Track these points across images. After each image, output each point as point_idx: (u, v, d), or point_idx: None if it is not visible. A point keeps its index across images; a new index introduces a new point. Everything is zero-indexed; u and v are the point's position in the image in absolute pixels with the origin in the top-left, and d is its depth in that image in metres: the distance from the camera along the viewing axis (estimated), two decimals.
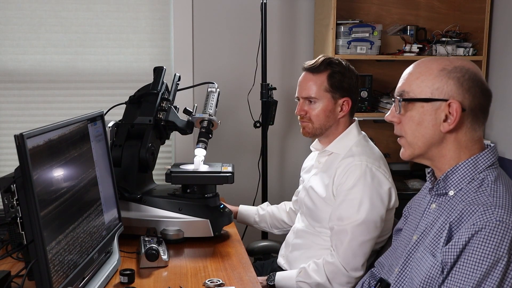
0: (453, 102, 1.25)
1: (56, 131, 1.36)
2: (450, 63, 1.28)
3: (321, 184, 1.96)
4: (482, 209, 1.18)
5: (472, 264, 1.14)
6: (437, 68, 1.28)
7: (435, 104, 1.27)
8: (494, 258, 1.12)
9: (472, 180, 1.27)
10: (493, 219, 1.14)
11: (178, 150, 3.03)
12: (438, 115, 1.27)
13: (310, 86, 1.96)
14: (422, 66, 1.32)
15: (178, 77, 2.26)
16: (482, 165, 1.28)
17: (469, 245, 1.15)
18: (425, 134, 1.30)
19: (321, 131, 1.98)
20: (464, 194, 1.26)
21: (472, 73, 1.27)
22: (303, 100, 1.99)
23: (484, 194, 1.22)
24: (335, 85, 1.95)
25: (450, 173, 1.29)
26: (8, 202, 1.23)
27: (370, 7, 3.08)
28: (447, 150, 1.30)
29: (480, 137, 1.31)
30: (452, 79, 1.26)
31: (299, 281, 1.86)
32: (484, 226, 1.14)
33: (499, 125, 2.92)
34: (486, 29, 2.90)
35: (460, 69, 1.26)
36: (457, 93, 1.25)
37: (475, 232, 1.15)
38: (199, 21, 3.00)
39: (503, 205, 1.17)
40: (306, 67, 1.99)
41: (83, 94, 2.96)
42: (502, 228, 1.13)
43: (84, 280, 1.45)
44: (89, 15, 2.92)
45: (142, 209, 1.97)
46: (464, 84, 1.25)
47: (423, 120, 1.29)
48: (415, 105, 1.29)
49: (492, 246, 1.12)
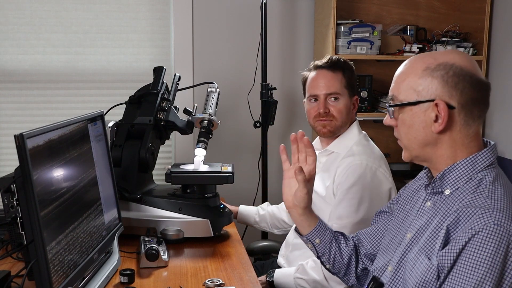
0: (439, 102, 1.22)
1: (56, 131, 1.36)
2: (434, 61, 1.25)
3: (321, 184, 1.96)
4: (480, 212, 1.15)
5: (469, 268, 1.12)
6: (421, 67, 1.25)
7: (423, 106, 1.25)
8: (490, 262, 1.10)
9: (470, 179, 1.24)
10: (491, 222, 1.12)
11: (178, 150, 3.03)
12: (427, 117, 1.25)
13: (333, 83, 1.96)
14: (407, 67, 1.29)
15: (178, 77, 2.26)
16: (481, 164, 1.25)
17: (466, 249, 1.13)
18: (417, 136, 1.28)
19: (341, 129, 1.99)
20: (461, 194, 1.23)
21: (457, 67, 1.22)
22: (324, 97, 1.97)
23: (482, 196, 1.20)
24: (349, 83, 1.98)
25: (447, 172, 1.27)
26: (8, 202, 1.22)
27: (370, 7, 3.09)
28: (443, 150, 1.27)
29: (477, 132, 1.27)
30: (436, 77, 1.23)
31: (297, 277, 1.88)
32: (482, 229, 1.12)
33: (499, 125, 2.92)
34: (486, 29, 2.90)
35: (444, 65, 1.23)
36: (443, 92, 1.22)
37: (472, 235, 1.12)
38: (199, 21, 3.00)
39: (501, 208, 1.15)
40: (323, 64, 1.98)
41: (83, 94, 2.96)
42: (499, 232, 1.11)
43: (84, 280, 1.45)
44: (89, 15, 2.92)
45: (142, 209, 1.97)
46: (449, 81, 1.22)
47: (414, 122, 1.27)
48: (405, 109, 1.28)
49: (489, 250, 1.10)
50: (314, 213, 1.56)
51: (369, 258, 1.55)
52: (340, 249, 1.56)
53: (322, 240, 1.54)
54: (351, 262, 1.56)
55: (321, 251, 1.55)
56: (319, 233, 1.54)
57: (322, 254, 1.56)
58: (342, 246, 1.56)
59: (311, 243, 1.55)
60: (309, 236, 1.54)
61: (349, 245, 1.57)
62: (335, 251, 1.55)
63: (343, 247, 1.56)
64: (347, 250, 1.56)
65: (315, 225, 1.54)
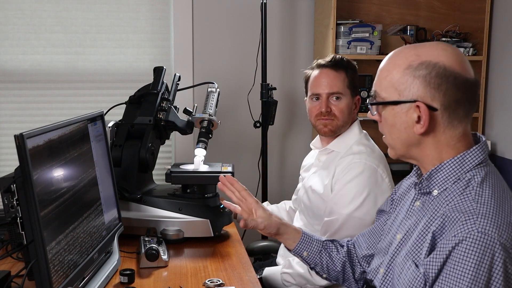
0: (420, 104, 1.17)
1: (56, 131, 1.36)
2: (417, 58, 1.19)
3: (320, 182, 1.96)
4: (464, 218, 1.10)
5: (453, 279, 1.07)
6: (404, 64, 1.20)
7: (404, 106, 1.20)
8: (475, 273, 1.05)
9: (458, 180, 1.19)
10: (475, 230, 1.07)
11: (178, 150, 3.03)
12: (409, 117, 1.20)
13: (336, 82, 1.96)
14: (390, 62, 1.24)
15: (178, 77, 2.26)
16: (470, 163, 1.19)
17: (450, 258, 1.08)
18: (400, 136, 1.24)
19: (342, 128, 1.99)
20: (449, 194, 1.18)
21: (441, 67, 1.16)
22: (326, 96, 1.96)
23: (468, 198, 1.14)
24: (352, 83, 1.98)
25: (434, 172, 1.22)
26: (8, 202, 1.23)
27: (370, 7, 3.08)
28: (428, 151, 1.22)
29: (465, 133, 1.21)
30: (418, 77, 1.17)
31: (283, 272, 1.92)
32: (465, 238, 1.07)
33: (499, 125, 2.92)
34: (486, 29, 2.90)
35: (427, 65, 1.17)
36: (424, 93, 1.17)
37: (455, 244, 1.08)
38: (199, 21, 3.00)
39: (486, 214, 1.10)
40: (326, 63, 1.98)
41: (83, 94, 2.96)
42: (483, 241, 1.06)
43: (84, 280, 1.45)
44: (89, 15, 2.92)
45: (142, 209, 1.97)
46: (431, 82, 1.16)
47: (396, 122, 1.23)
48: (387, 108, 1.24)
49: (474, 260, 1.05)
50: (294, 228, 1.59)
51: (366, 260, 1.53)
52: (332, 257, 1.56)
53: (309, 252, 1.56)
54: (346, 269, 1.55)
55: (312, 262, 1.57)
56: (305, 246, 1.56)
57: (315, 265, 1.57)
58: (333, 255, 1.56)
59: (300, 256, 1.57)
60: (296, 251, 1.57)
61: (341, 252, 1.56)
62: (326, 261, 1.56)
63: (334, 255, 1.56)
64: (338, 257, 1.56)
65: (299, 239, 1.56)
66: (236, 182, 1.64)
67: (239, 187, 1.62)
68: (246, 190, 1.62)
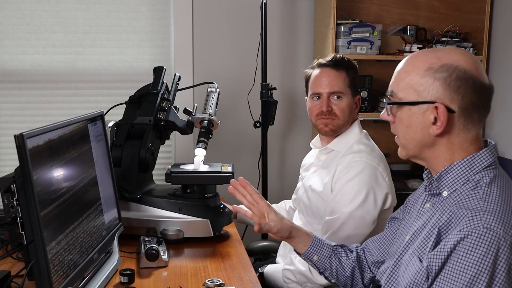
0: (439, 105, 1.19)
1: (56, 131, 1.36)
2: (438, 60, 1.21)
3: (319, 181, 1.97)
4: (470, 214, 1.12)
5: (456, 272, 1.08)
6: (424, 67, 1.21)
7: (422, 107, 1.21)
8: (478, 267, 1.06)
9: (467, 181, 1.21)
10: (480, 226, 1.08)
11: (178, 150, 3.03)
12: (426, 118, 1.21)
13: (337, 81, 1.96)
14: (409, 64, 1.25)
15: (178, 77, 2.26)
16: (479, 165, 1.21)
17: (455, 252, 1.09)
18: (415, 137, 1.25)
19: (343, 128, 1.99)
20: (458, 195, 1.20)
21: (461, 70, 1.18)
22: (327, 95, 1.96)
23: (476, 197, 1.16)
24: (352, 82, 1.98)
25: (444, 173, 1.24)
26: (8, 202, 1.23)
27: (370, 7, 3.09)
28: (440, 152, 1.24)
29: (477, 136, 1.24)
30: (438, 79, 1.19)
31: (285, 268, 1.92)
32: (470, 233, 1.08)
33: (499, 125, 2.92)
34: (486, 29, 2.90)
35: (447, 67, 1.19)
36: (444, 95, 1.19)
37: (460, 238, 1.09)
38: (199, 21, 3.00)
39: (492, 211, 1.11)
40: (327, 63, 1.98)
41: (83, 94, 2.96)
42: (489, 236, 1.07)
43: (84, 280, 1.45)
44: (89, 15, 2.92)
45: (142, 209, 1.97)
46: (451, 84, 1.18)
47: (412, 123, 1.24)
48: (403, 108, 1.25)
49: (478, 255, 1.06)
50: (305, 231, 1.59)
51: (376, 266, 1.53)
52: (341, 262, 1.56)
53: (320, 256, 1.55)
54: (355, 274, 1.56)
55: (322, 267, 1.56)
56: (316, 250, 1.55)
57: (324, 269, 1.57)
58: (343, 260, 1.56)
59: (310, 260, 1.57)
60: (306, 255, 1.57)
61: (350, 257, 1.56)
62: (336, 266, 1.56)
63: (344, 260, 1.56)
64: (348, 263, 1.56)
65: (310, 243, 1.56)
66: (249, 185, 1.63)
67: (251, 190, 1.62)
68: (258, 194, 1.62)
